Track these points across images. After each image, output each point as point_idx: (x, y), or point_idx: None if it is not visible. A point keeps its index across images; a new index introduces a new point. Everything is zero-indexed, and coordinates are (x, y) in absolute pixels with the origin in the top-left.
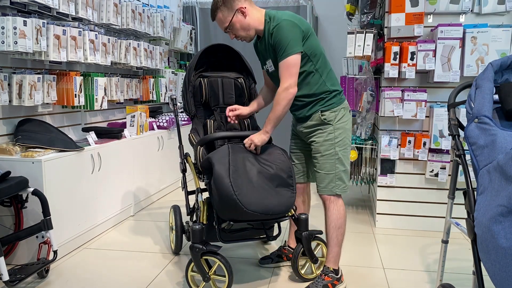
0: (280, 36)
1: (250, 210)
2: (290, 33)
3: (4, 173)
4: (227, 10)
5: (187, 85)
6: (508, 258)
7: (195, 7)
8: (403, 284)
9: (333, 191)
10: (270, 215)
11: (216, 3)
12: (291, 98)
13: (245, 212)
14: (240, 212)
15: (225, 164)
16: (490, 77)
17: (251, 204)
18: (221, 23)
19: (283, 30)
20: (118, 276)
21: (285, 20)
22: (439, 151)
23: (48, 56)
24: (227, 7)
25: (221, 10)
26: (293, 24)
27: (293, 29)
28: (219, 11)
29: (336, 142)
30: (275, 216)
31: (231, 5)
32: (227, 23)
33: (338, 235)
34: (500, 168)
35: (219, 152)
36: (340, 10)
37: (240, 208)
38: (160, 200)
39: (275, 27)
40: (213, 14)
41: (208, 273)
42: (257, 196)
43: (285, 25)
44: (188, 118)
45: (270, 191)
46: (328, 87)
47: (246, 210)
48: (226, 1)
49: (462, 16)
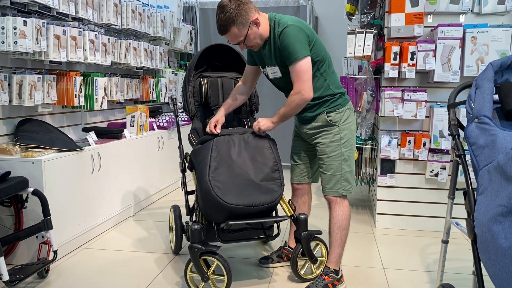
0: (288, 40)
1: (230, 204)
2: (297, 37)
3: (4, 173)
4: (242, 24)
5: (187, 85)
6: (508, 258)
7: (195, 7)
8: (403, 284)
9: (339, 192)
10: (254, 207)
11: (230, 18)
12: (302, 104)
13: (225, 207)
14: (221, 208)
15: (205, 164)
16: (490, 77)
17: (231, 199)
18: (235, 38)
19: (290, 35)
20: (118, 276)
21: (291, 25)
22: (439, 151)
23: (48, 56)
24: (242, 21)
25: (236, 24)
26: (299, 29)
27: (300, 33)
28: (233, 26)
29: (342, 143)
30: (259, 208)
31: (245, 18)
32: (243, 37)
33: (342, 236)
34: (500, 168)
35: (202, 151)
36: (340, 10)
37: (220, 204)
38: (160, 200)
39: (282, 32)
40: (225, 29)
41: (207, 273)
42: (238, 191)
43: (291, 30)
44: (188, 118)
45: (254, 185)
46: (332, 90)
47: (226, 204)
48: (240, 14)
49: (462, 16)
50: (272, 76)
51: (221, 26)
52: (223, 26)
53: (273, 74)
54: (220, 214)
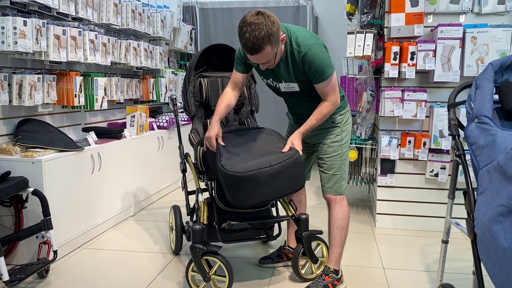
0: (317, 63)
1: (247, 172)
2: (324, 57)
3: (4, 173)
4: (276, 42)
5: (187, 85)
6: (508, 258)
7: (195, 7)
8: (403, 284)
9: (338, 191)
10: (272, 166)
11: (266, 37)
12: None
13: (245, 177)
14: (242, 180)
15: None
16: (490, 77)
17: (245, 167)
18: (265, 57)
19: (318, 57)
20: (118, 276)
21: (313, 44)
22: (439, 151)
23: (48, 56)
24: (276, 40)
25: (271, 43)
26: (321, 46)
27: (324, 52)
28: (268, 45)
29: (343, 144)
30: (280, 166)
31: (278, 36)
32: (272, 56)
33: (342, 236)
34: (500, 168)
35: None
36: (340, 10)
37: (237, 177)
38: (160, 200)
39: (307, 54)
40: (259, 48)
41: (209, 273)
42: (253, 157)
43: (316, 51)
44: (188, 118)
45: (267, 152)
46: None
47: (242, 174)
48: (275, 32)
49: (462, 16)
50: (286, 90)
51: (255, 45)
52: (258, 45)
53: (288, 89)
54: (245, 188)
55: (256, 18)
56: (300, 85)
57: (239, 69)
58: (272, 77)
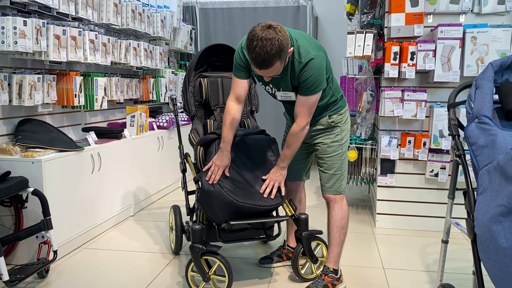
0: (312, 76)
1: (242, 202)
2: (320, 72)
3: (4, 173)
4: (285, 56)
5: (187, 85)
6: (508, 258)
7: (195, 7)
8: (403, 284)
9: (338, 190)
10: (262, 207)
11: (277, 53)
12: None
13: (238, 205)
14: (232, 206)
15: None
16: (490, 77)
17: (243, 198)
18: (274, 71)
19: (315, 70)
20: (118, 276)
21: (315, 56)
22: (439, 151)
23: (48, 56)
24: (286, 54)
25: (281, 58)
26: (322, 61)
27: (323, 68)
28: (279, 61)
29: (343, 143)
30: (267, 208)
31: (287, 51)
32: (280, 71)
33: (341, 235)
34: (500, 168)
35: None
36: (340, 10)
37: (233, 203)
38: (160, 200)
39: (307, 64)
40: (270, 63)
41: (208, 273)
42: (248, 191)
43: (316, 63)
44: (188, 118)
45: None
46: (336, 96)
47: (238, 202)
48: (285, 48)
49: (462, 16)
50: (282, 99)
51: (265, 61)
52: (268, 62)
53: (284, 97)
54: (227, 212)
55: (268, 32)
56: (296, 94)
57: (242, 75)
58: (270, 84)
